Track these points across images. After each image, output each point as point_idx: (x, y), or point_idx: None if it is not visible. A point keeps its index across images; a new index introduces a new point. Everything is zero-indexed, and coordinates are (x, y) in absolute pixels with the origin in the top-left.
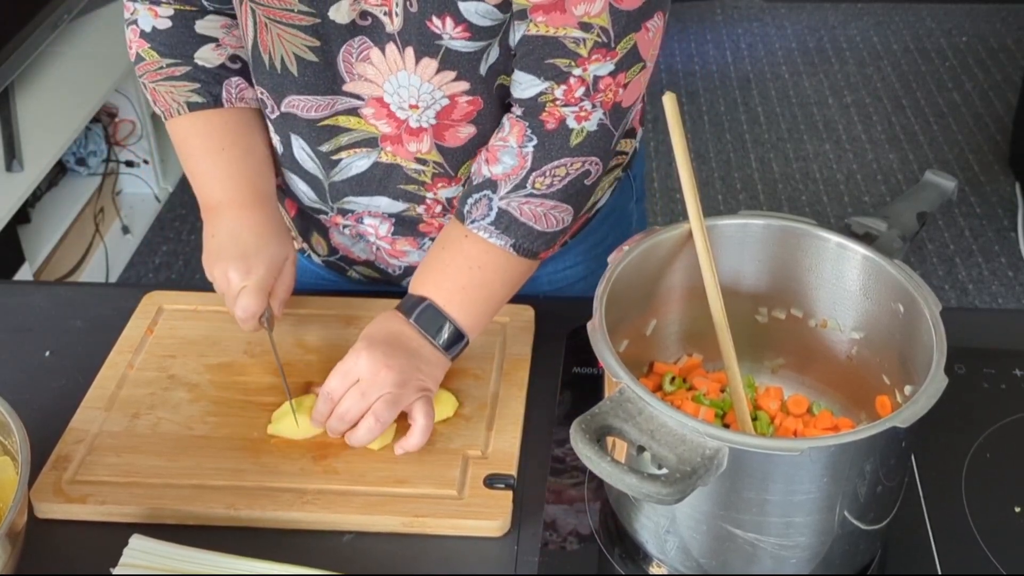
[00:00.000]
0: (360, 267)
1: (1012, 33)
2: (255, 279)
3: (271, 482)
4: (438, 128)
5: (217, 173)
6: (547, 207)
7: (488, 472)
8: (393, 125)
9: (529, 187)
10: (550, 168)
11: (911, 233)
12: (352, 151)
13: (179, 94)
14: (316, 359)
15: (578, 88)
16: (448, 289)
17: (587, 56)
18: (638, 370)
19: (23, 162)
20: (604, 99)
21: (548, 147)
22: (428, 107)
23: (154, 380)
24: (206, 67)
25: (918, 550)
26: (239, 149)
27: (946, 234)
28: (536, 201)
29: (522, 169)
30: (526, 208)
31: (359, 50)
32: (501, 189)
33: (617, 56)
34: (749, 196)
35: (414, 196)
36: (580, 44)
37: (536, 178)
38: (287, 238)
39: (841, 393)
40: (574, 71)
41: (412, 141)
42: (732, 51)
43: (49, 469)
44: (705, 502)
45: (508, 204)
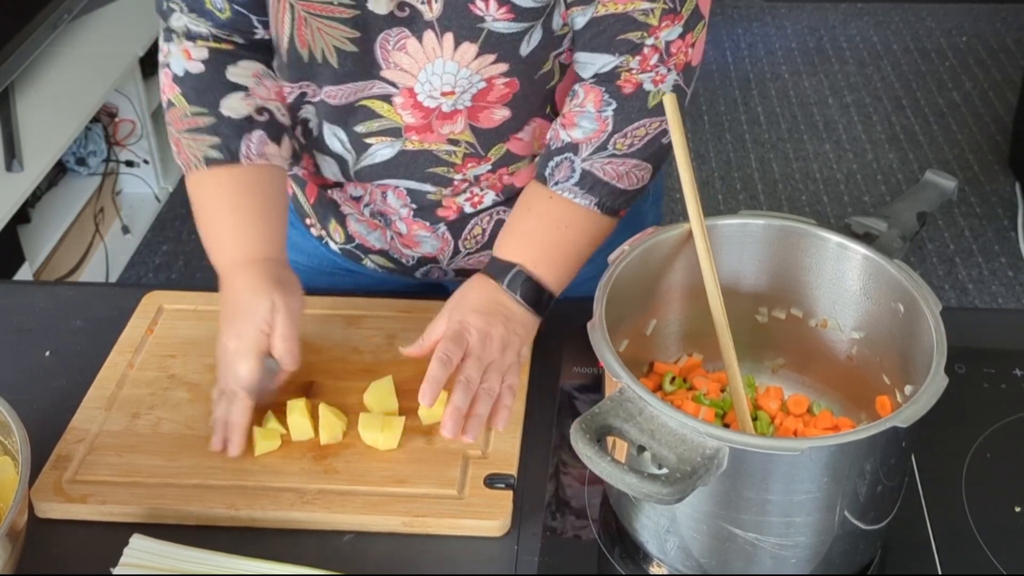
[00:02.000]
0: (375, 256)
1: (1012, 33)
2: (241, 346)
3: (271, 482)
4: (473, 110)
5: (222, 238)
6: (629, 166)
7: (488, 472)
8: (419, 116)
9: (611, 148)
10: (631, 130)
11: (911, 233)
12: (380, 138)
13: (198, 148)
14: (316, 359)
15: (652, 56)
16: (536, 252)
17: (658, 24)
18: (638, 370)
19: (23, 162)
20: (677, 62)
21: (628, 110)
22: (465, 91)
23: (154, 380)
24: (231, 118)
25: (918, 550)
26: (244, 213)
27: (946, 234)
28: (618, 161)
29: (603, 133)
30: (608, 168)
31: (396, 39)
32: (583, 151)
33: (683, 18)
34: (749, 196)
35: (442, 179)
36: (650, 15)
37: (617, 139)
38: (275, 288)
39: (841, 393)
40: (647, 41)
41: (445, 124)
42: (732, 51)
43: (49, 469)
44: (705, 502)
45: (591, 165)
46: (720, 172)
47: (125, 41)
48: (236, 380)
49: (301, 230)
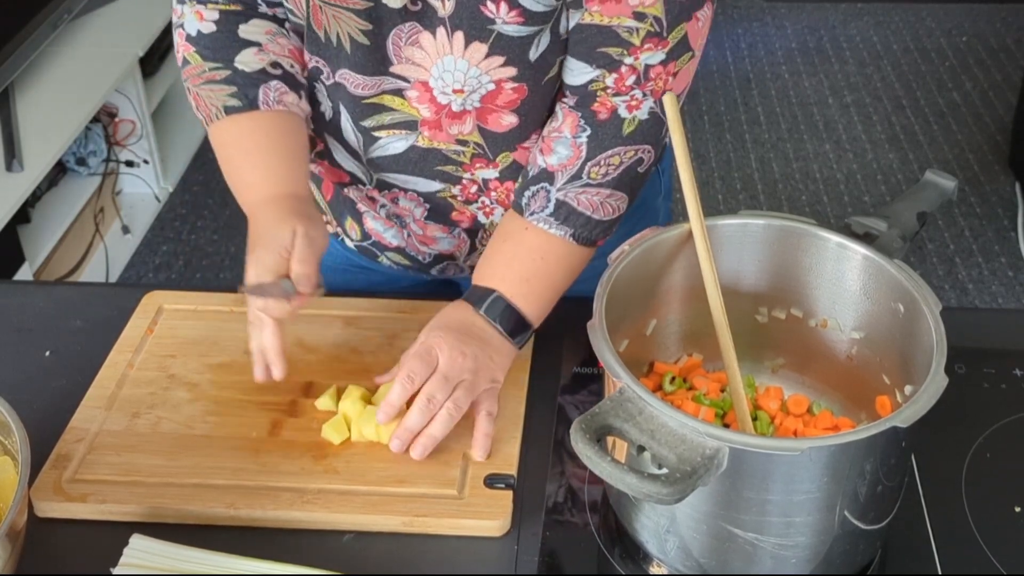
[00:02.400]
0: (391, 253)
1: (1012, 33)
2: (262, 266)
3: (271, 481)
4: (482, 111)
5: (246, 177)
6: (603, 196)
7: (488, 472)
8: (433, 110)
9: (585, 177)
10: (604, 158)
11: (911, 233)
12: (392, 131)
13: (217, 99)
14: (316, 359)
15: (629, 76)
16: (513, 281)
17: (639, 45)
18: (638, 370)
19: (23, 162)
20: (655, 87)
21: (601, 137)
22: (474, 91)
23: (154, 380)
24: (245, 71)
25: (918, 550)
26: (267, 152)
27: (946, 234)
28: (592, 191)
29: (577, 159)
30: (583, 198)
31: (408, 34)
32: (558, 180)
33: (668, 45)
34: (749, 196)
35: (450, 177)
36: (633, 33)
37: (591, 168)
38: (297, 218)
39: (841, 393)
40: (626, 60)
41: (454, 124)
42: (732, 51)
43: (49, 468)
44: (705, 502)
45: (565, 195)
46: (720, 172)
47: (125, 41)
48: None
49: None
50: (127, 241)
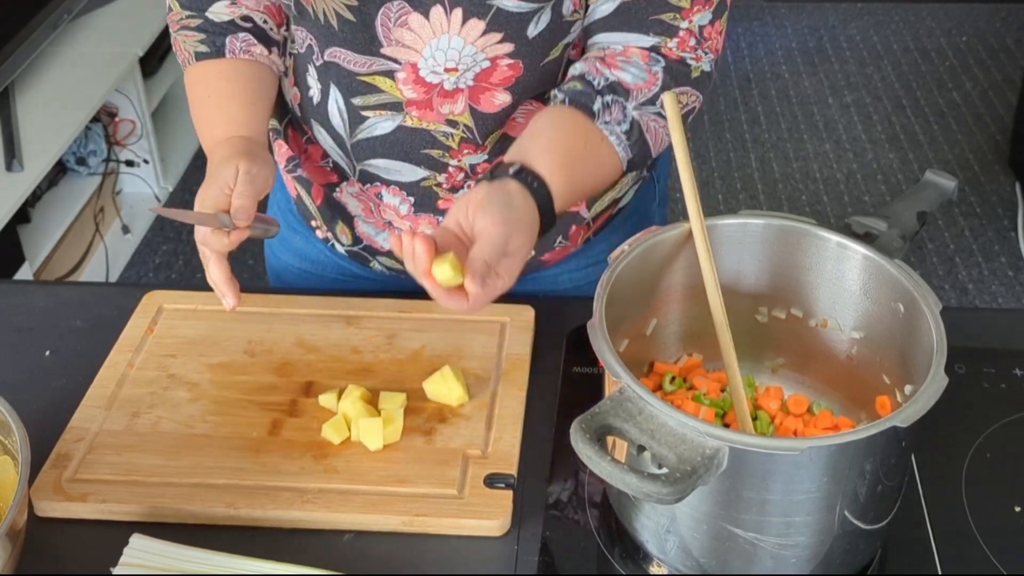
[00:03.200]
0: (383, 258)
1: (1012, 33)
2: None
3: (271, 481)
4: (474, 90)
5: (206, 120)
6: (665, 131)
7: (488, 471)
8: (420, 91)
9: (658, 106)
10: (679, 91)
11: (911, 233)
12: (379, 112)
13: (189, 44)
14: (316, 359)
15: (689, 39)
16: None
17: (690, 7)
18: (638, 370)
19: (23, 162)
20: (711, 46)
21: (675, 73)
22: (468, 69)
23: (154, 379)
24: (214, 20)
25: (918, 550)
26: (227, 97)
27: (946, 234)
28: (662, 123)
29: (654, 86)
30: (653, 126)
31: (397, 15)
32: (634, 99)
33: (713, 4)
34: (749, 196)
35: (436, 163)
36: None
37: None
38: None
39: (841, 393)
40: (681, 24)
41: (445, 103)
42: (732, 51)
43: (49, 468)
44: (705, 502)
45: (641, 117)
46: (720, 172)
47: (125, 41)
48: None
49: (305, 235)
50: (127, 241)
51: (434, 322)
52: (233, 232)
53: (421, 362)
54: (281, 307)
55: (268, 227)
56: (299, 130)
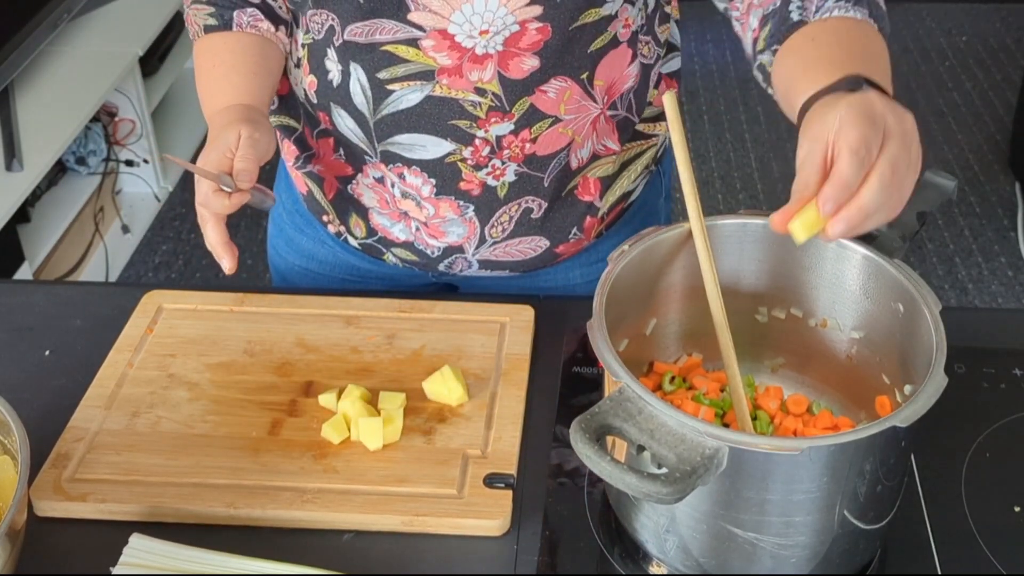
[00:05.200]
0: (398, 249)
1: (1012, 33)
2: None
3: (271, 481)
4: (503, 56)
5: (210, 89)
6: None
7: (488, 471)
8: (454, 57)
9: None
10: None
11: (911, 232)
12: (406, 83)
13: (199, 18)
14: (316, 358)
15: None
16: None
17: None
18: (638, 370)
19: (23, 161)
20: None
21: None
22: (498, 32)
23: (154, 379)
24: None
25: (918, 550)
26: (230, 68)
27: (946, 234)
28: None
29: None
30: None
31: None
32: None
33: None
34: (749, 196)
35: (463, 135)
36: None
37: None
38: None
39: (841, 393)
40: None
41: (475, 70)
42: (732, 51)
43: (49, 467)
44: (705, 501)
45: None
46: (720, 172)
47: (125, 41)
48: (198, 199)
49: (312, 234)
50: (127, 240)
51: (434, 322)
52: (234, 194)
53: (421, 362)
54: (281, 307)
55: (265, 196)
56: (311, 124)
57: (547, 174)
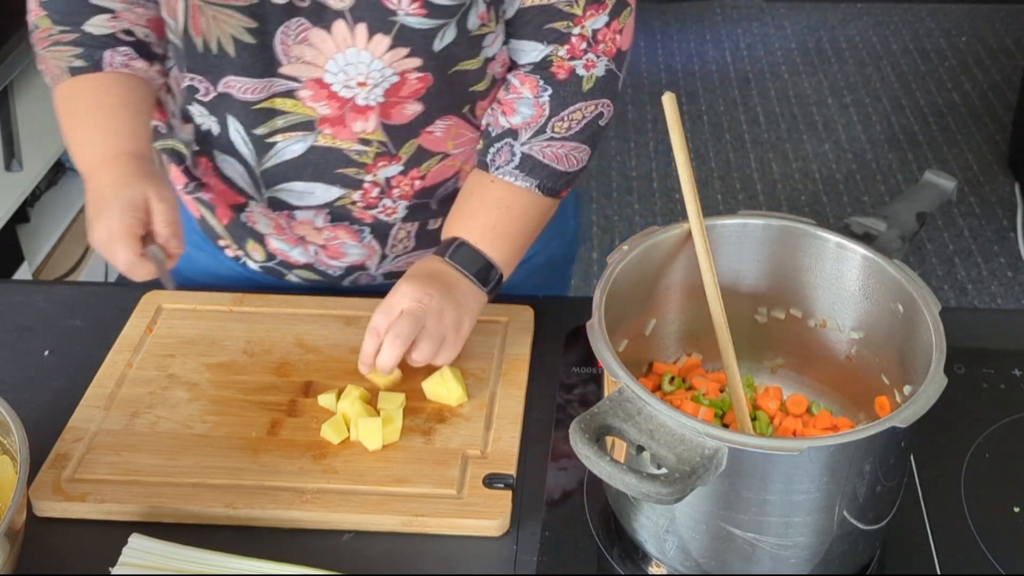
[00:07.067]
0: (299, 270)
1: (1012, 33)
2: (113, 229)
3: (270, 481)
4: (385, 106)
5: (86, 136)
6: (568, 148)
7: (487, 472)
8: (334, 106)
9: (549, 132)
10: (567, 114)
11: (910, 233)
12: (288, 135)
13: (63, 59)
14: (316, 359)
15: (580, 44)
16: (479, 229)
17: (583, 14)
18: (637, 370)
19: (22, 162)
20: (606, 48)
21: (563, 95)
22: (377, 84)
23: (153, 379)
24: (93, 33)
25: (917, 550)
26: (108, 111)
27: (945, 234)
28: (557, 144)
29: (541, 117)
30: (548, 151)
31: (297, 32)
32: (522, 136)
33: (608, 7)
34: (748, 196)
35: (351, 181)
36: (574, 4)
37: (555, 123)
38: (146, 180)
39: (840, 393)
40: (573, 31)
41: (357, 120)
42: (732, 51)
43: (48, 468)
44: (704, 502)
45: (531, 148)
46: (719, 172)
47: None
48: (119, 264)
49: (212, 252)
50: None
51: None
52: (169, 261)
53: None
54: (280, 307)
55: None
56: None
57: (435, 198)
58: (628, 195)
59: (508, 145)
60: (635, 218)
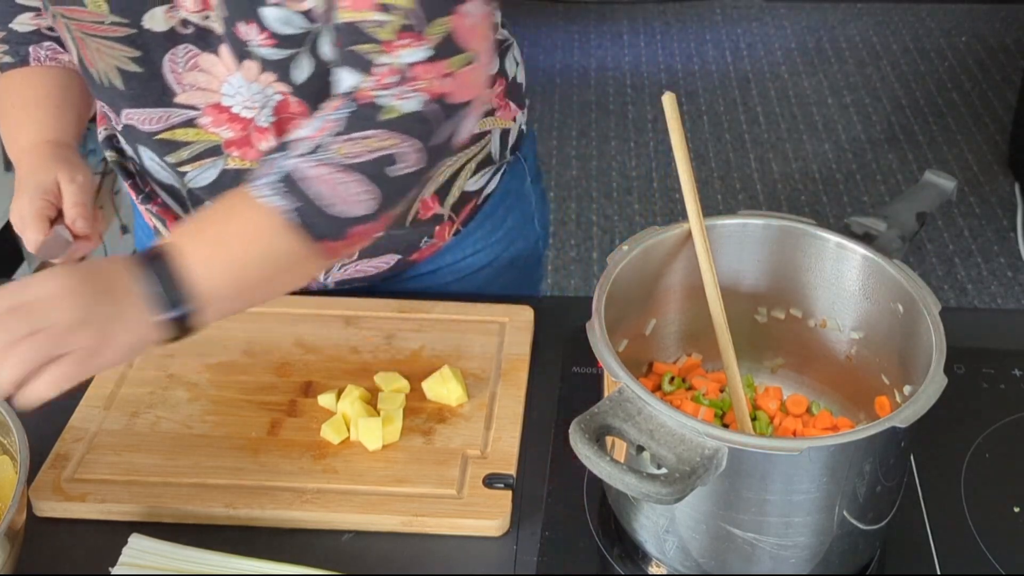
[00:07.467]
0: None
1: (1012, 33)
2: (24, 212)
3: (270, 481)
4: (279, 124)
5: (12, 129)
6: (343, 178)
7: (487, 472)
8: (237, 128)
9: (330, 151)
10: (358, 136)
11: (910, 233)
12: (197, 163)
13: None
14: (315, 358)
15: (389, 76)
16: (197, 245)
17: (393, 40)
18: (637, 370)
19: None
20: (426, 87)
21: (360, 115)
22: (265, 105)
23: (153, 379)
24: (18, 31)
25: (917, 550)
26: (33, 105)
27: (945, 234)
28: (330, 169)
29: (325, 132)
30: (315, 172)
31: (185, 59)
32: (297, 149)
33: (430, 42)
34: (748, 196)
35: None
36: (381, 27)
37: (343, 144)
38: (60, 164)
39: (840, 393)
40: (382, 59)
41: (263, 140)
42: (732, 51)
43: (48, 468)
44: (704, 502)
45: (297, 165)
46: (719, 172)
47: None
48: (27, 243)
49: None
50: (126, 240)
51: (433, 322)
52: (79, 243)
53: (420, 362)
54: (280, 307)
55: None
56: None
57: None
58: (628, 195)
59: (276, 158)
60: (635, 218)
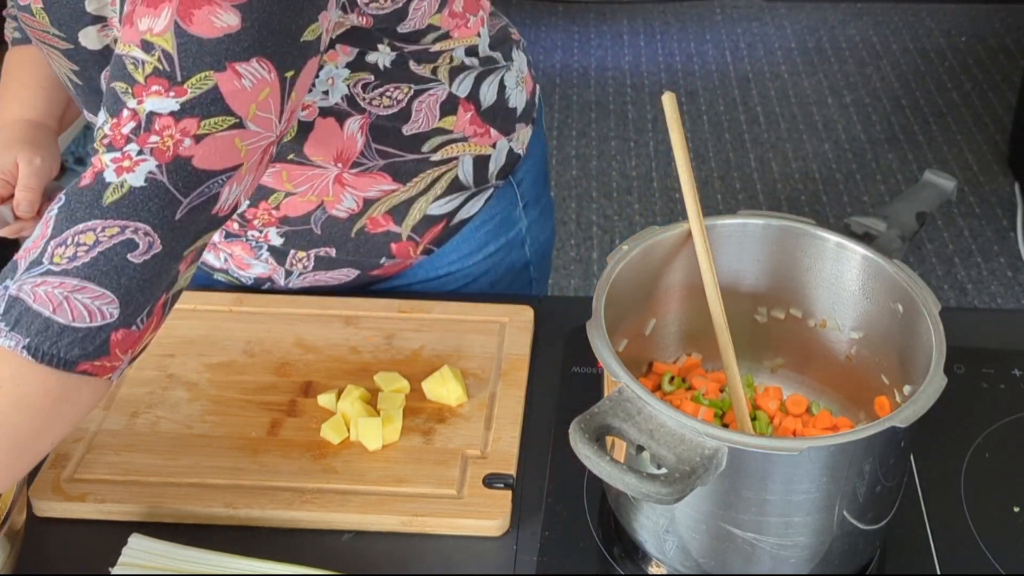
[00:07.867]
0: (218, 274)
1: (1012, 33)
2: None
3: (270, 481)
4: None
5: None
6: (68, 289)
7: (487, 472)
8: None
9: (47, 262)
10: (72, 234)
11: (910, 233)
12: None
13: (7, 31)
14: (315, 358)
15: (127, 123)
16: None
17: (144, 83)
18: (637, 370)
19: None
20: (159, 146)
21: (74, 207)
22: None
23: (153, 379)
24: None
25: (917, 550)
26: (20, 82)
27: (945, 234)
28: (54, 281)
29: (43, 239)
30: (40, 291)
31: None
32: (19, 271)
33: (185, 95)
34: (748, 196)
35: None
36: (139, 67)
37: (56, 250)
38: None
39: (840, 393)
40: (129, 101)
41: None
42: (732, 51)
43: (48, 467)
44: (704, 502)
45: (19, 289)
46: (719, 172)
47: None
48: None
49: None
50: None
51: (433, 322)
52: (14, 225)
53: (420, 362)
54: (280, 307)
55: None
56: None
57: (313, 224)
58: (628, 195)
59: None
60: (635, 218)
